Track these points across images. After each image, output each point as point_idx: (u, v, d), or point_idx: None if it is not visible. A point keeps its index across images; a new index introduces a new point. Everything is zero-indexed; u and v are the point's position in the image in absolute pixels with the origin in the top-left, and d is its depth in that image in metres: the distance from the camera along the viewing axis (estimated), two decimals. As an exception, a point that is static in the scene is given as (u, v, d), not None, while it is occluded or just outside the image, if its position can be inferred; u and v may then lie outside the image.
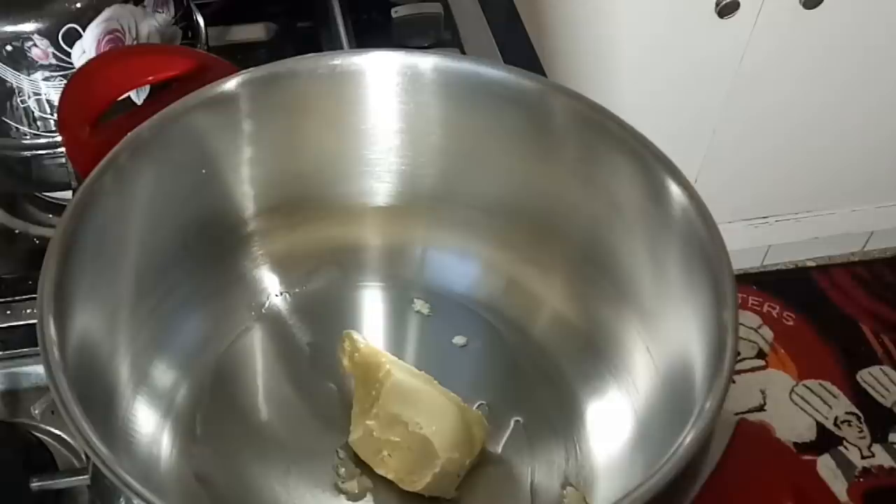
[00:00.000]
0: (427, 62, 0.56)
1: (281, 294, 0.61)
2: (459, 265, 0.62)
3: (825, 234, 1.64)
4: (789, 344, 1.59)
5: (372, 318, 0.62)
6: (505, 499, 0.54)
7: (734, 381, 0.52)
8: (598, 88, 1.26)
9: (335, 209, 0.61)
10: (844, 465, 1.45)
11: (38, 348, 0.43)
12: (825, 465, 1.45)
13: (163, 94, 0.59)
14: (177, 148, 0.54)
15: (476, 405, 0.54)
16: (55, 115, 0.66)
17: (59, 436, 0.58)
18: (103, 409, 0.49)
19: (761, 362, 1.56)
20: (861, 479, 1.44)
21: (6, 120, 0.67)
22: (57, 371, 0.43)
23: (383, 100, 0.57)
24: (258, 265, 0.60)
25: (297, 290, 0.61)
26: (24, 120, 0.67)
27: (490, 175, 0.59)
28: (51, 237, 0.47)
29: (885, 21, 1.32)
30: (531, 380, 0.58)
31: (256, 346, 0.59)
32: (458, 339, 0.60)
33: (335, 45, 0.79)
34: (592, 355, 0.56)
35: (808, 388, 1.54)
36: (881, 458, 1.46)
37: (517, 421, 0.56)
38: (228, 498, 0.52)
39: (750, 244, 1.62)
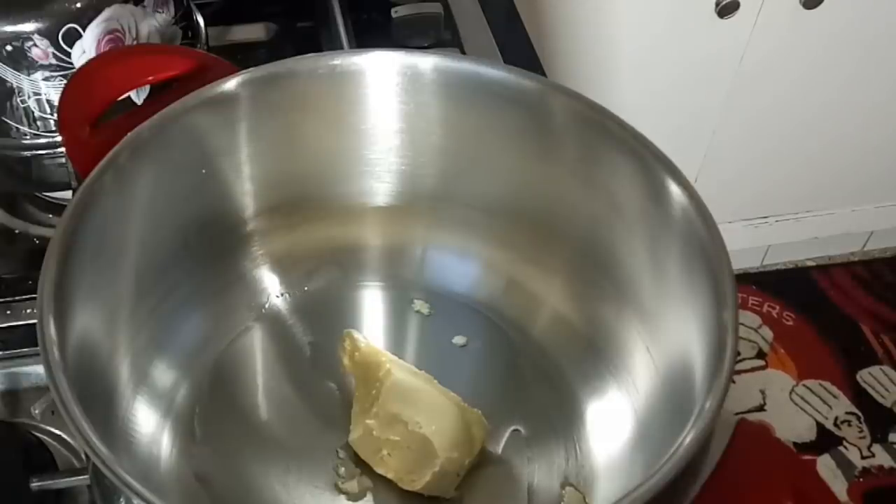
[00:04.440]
0: (427, 62, 0.56)
1: (281, 294, 0.61)
2: (459, 265, 0.62)
3: (825, 234, 1.64)
4: (789, 344, 1.59)
5: (372, 317, 0.62)
6: (504, 499, 0.54)
7: (734, 381, 0.52)
8: (598, 88, 1.26)
9: (335, 209, 0.61)
10: (844, 465, 1.45)
11: (38, 348, 0.43)
12: (825, 465, 1.45)
13: (163, 94, 0.59)
14: (177, 148, 0.54)
15: (475, 405, 0.54)
16: (55, 115, 0.66)
17: (59, 436, 0.58)
18: (103, 409, 0.49)
19: (761, 362, 1.56)
20: (861, 479, 1.44)
21: (6, 120, 0.67)
22: (57, 371, 0.43)
23: (383, 100, 0.57)
24: (258, 265, 0.60)
25: (297, 290, 0.61)
26: (24, 120, 0.67)
27: (490, 175, 0.59)
28: (51, 237, 0.47)
29: (884, 21, 1.32)
30: (531, 380, 0.58)
31: (256, 346, 0.59)
32: (458, 339, 0.60)
33: (335, 45, 0.79)
34: (592, 355, 0.56)
35: (808, 388, 1.54)
36: (881, 458, 1.46)
37: (517, 421, 0.56)
38: (228, 498, 0.52)
39: (750, 244, 1.62)
